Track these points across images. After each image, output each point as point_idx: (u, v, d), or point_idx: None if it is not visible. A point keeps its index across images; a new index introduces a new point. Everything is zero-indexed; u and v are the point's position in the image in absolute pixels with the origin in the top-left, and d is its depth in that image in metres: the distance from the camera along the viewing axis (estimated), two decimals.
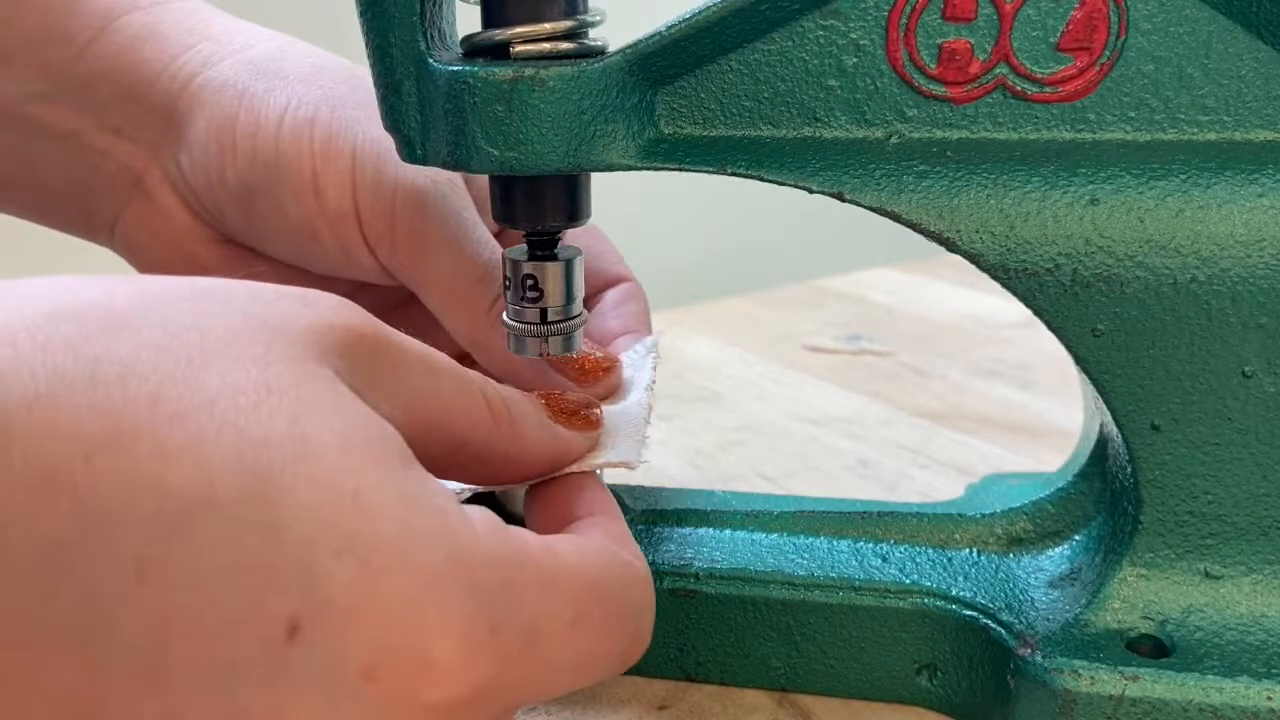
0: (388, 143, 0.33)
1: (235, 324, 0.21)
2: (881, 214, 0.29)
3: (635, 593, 0.25)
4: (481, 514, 0.23)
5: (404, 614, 0.20)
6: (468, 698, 0.20)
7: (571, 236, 0.35)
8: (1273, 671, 0.29)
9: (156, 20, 0.37)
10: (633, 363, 0.37)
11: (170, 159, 0.37)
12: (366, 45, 0.30)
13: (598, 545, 0.25)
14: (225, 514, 0.19)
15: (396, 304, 0.39)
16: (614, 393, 0.35)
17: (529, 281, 0.33)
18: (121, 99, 0.36)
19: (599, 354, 0.35)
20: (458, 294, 0.35)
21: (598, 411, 0.31)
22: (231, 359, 0.20)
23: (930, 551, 0.35)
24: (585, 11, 0.30)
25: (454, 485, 0.30)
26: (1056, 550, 0.34)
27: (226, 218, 0.37)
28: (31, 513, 0.17)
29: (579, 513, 0.28)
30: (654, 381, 0.35)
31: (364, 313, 0.24)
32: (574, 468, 0.30)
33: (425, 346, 0.25)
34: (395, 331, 0.25)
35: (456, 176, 0.37)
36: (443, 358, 0.26)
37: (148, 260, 0.39)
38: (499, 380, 0.29)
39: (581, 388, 0.34)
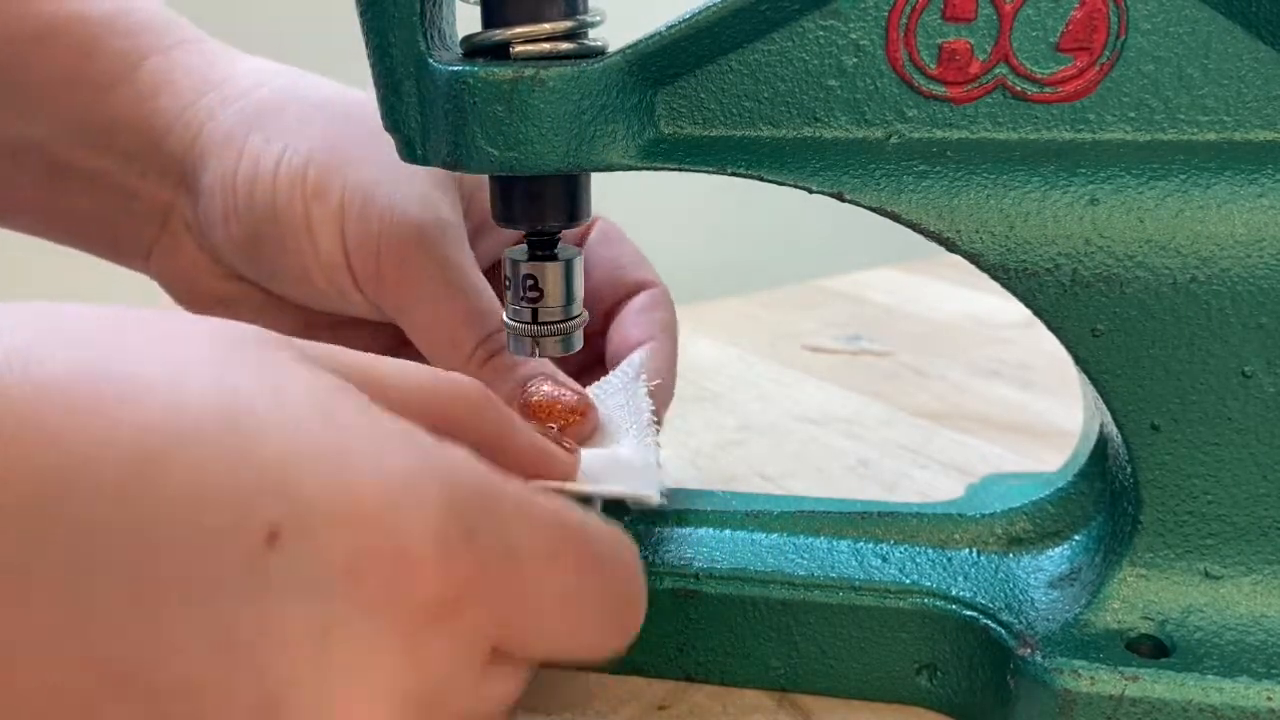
0: (376, 182, 0.35)
1: None
2: (881, 214, 0.29)
3: (624, 552, 0.25)
4: (459, 448, 0.23)
5: (380, 514, 0.20)
6: (450, 597, 0.21)
7: (599, 238, 0.34)
8: (1273, 671, 0.29)
9: (172, 67, 0.39)
10: (619, 389, 0.36)
11: (188, 206, 0.39)
12: (366, 45, 0.30)
13: (583, 510, 0.25)
14: (200, 439, 0.19)
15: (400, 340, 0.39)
16: (591, 435, 0.34)
17: (529, 282, 0.33)
18: (142, 147, 0.38)
19: (570, 398, 0.34)
20: (441, 338, 0.36)
21: (571, 443, 0.31)
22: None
23: (930, 551, 0.35)
24: (585, 11, 0.30)
25: None
26: (1056, 550, 0.34)
27: (236, 263, 0.39)
28: (16, 464, 0.18)
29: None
30: (654, 411, 0.35)
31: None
32: (589, 493, 0.30)
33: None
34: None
35: (454, 212, 0.37)
36: (433, 371, 0.26)
37: (178, 291, 0.41)
38: None
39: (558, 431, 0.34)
